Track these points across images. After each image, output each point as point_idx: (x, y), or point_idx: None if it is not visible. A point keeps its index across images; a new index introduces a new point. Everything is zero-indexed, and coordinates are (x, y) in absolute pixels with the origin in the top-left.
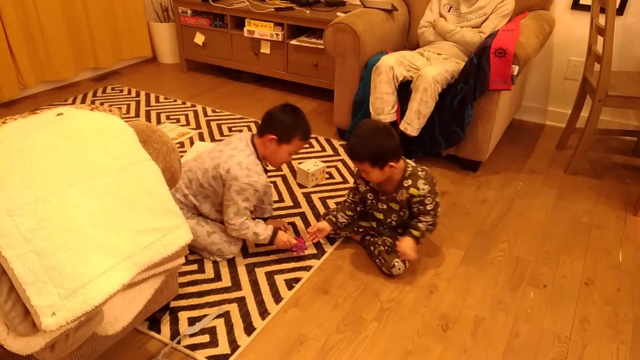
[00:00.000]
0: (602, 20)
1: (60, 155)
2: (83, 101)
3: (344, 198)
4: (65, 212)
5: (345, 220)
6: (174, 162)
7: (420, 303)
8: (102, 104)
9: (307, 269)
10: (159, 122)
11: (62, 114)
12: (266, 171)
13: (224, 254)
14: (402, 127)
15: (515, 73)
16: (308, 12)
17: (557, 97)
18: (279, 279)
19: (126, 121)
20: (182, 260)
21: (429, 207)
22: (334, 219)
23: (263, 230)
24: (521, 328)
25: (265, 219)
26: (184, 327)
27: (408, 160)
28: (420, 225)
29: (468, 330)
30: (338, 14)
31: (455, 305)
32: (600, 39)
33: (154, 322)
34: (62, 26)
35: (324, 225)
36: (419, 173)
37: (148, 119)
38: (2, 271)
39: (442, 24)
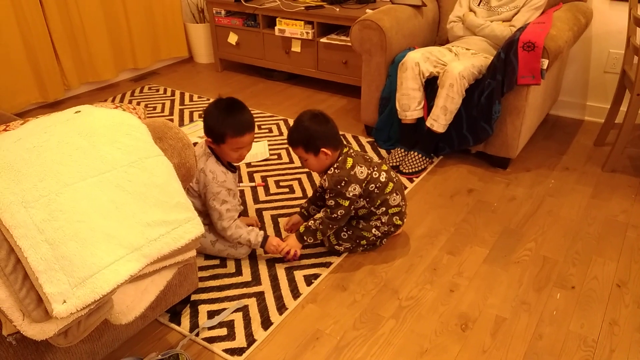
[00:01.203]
0: None
1: (73, 150)
2: (121, 100)
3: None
4: (77, 204)
5: (316, 211)
6: (189, 158)
7: (440, 302)
8: (138, 103)
9: (326, 265)
10: (191, 120)
11: (79, 111)
12: (233, 167)
13: (235, 256)
14: (428, 123)
15: (545, 67)
16: (338, 9)
17: (596, 91)
18: (298, 275)
19: (149, 117)
20: (194, 253)
21: (328, 202)
22: (305, 213)
23: (255, 237)
24: (545, 330)
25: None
26: (203, 320)
27: (355, 155)
28: (311, 221)
29: (488, 331)
30: (367, 11)
31: (475, 305)
32: (639, 30)
33: (174, 314)
34: (103, 29)
35: (297, 219)
36: (337, 170)
37: (181, 117)
38: (17, 260)
39: (471, 18)
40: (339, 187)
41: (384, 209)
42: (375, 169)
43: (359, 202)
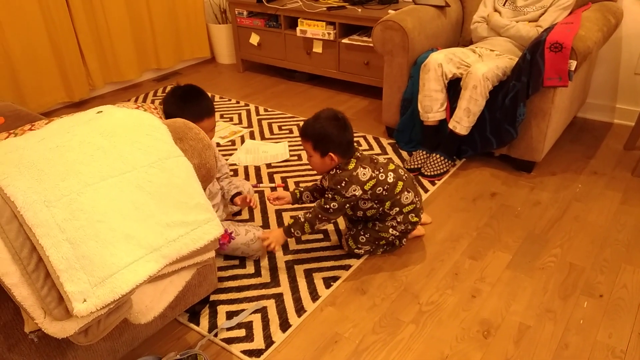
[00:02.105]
0: None
1: (94, 150)
2: (144, 100)
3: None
4: (97, 204)
5: (309, 201)
6: (210, 159)
7: (461, 307)
8: (161, 103)
9: (346, 267)
10: None
11: (101, 111)
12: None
13: (249, 253)
14: (451, 125)
15: (573, 68)
16: (360, 10)
17: (626, 93)
18: (317, 277)
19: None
20: (212, 254)
21: (325, 195)
22: (298, 194)
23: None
24: (571, 339)
25: (233, 196)
26: (221, 320)
27: (360, 157)
28: (300, 214)
29: (511, 339)
30: (390, 11)
31: (498, 312)
32: None
33: (193, 315)
34: (127, 30)
35: (284, 194)
36: (339, 170)
37: None
38: (39, 258)
39: (496, 18)
40: (338, 187)
41: (397, 209)
42: (382, 170)
43: (367, 203)
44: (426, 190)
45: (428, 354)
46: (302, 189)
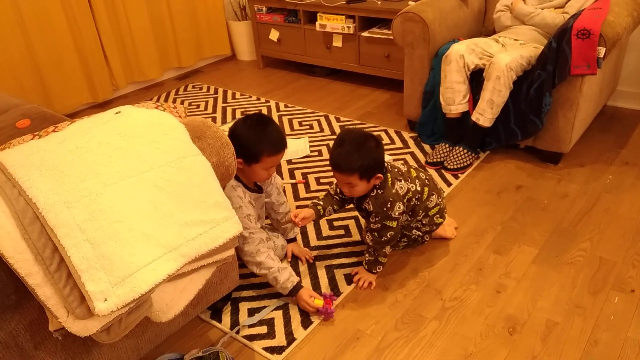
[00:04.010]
0: None
1: (113, 150)
2: (166, 99)
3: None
4: (116, 204)
5: (331, 213)
6: (228, 157)
7: (486, 303)
8: (182, 102)
9: None
10: (233, 117)
11: (120, 112)
12: (260, 188)
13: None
14: (474, 117)
15: (602, 55)
16: (379, 2)
17: None
18: (339, 274)
19: (192, 115)
20: (232, 252)
21: (373, 226)
22: (322, 211)
23: (284, 279)
24: (601, 336)
25: (289, 241)
26: (243, 317)
27: (391, 169)
28: (366, 256)
29: (538, 335)
30: (410, 3)
31: (524, 307)
32: None
33: (216, 312)
34: (148, 30)
35: (309, 212)
36: (380, 190)
37: (224, 115)
38: (61, 259)
39: (520, 6)
40: (385, 209)
41: (423, 213)
42: (409, 180)
43: (402, 216)
44: (449, 184)
45: (451, 350)
46: (322, 204)
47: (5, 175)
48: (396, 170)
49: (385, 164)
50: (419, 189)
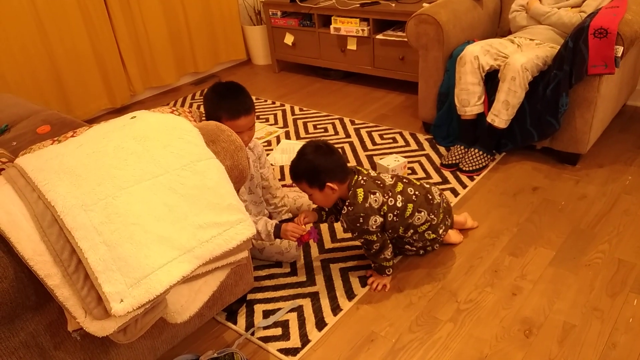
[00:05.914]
0: None
1: (128, 154)
2: (183, 104)
3: None
4: (131, 207)
5: (331, 219)
6: (242, 160)
7: (501, 305)
8: (199, 106)
9: None
10: None
11: (135, 117)
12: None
13: (284, 260)
14: (489, 118)
15: (620, 55)
16: (393, 5)
17: None
18: (353, 276)
19: (202, 121)
20: (246, 254)
21: (357, 240)
22: (324, 216)
23: (262, 227)
24: (619, 339)
25: (282, 222)
26: (258, 319)
27: (365, 182)
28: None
29: (555, 338)
30: (424, 5)
31: (541, 310)
32: None
33: (231, 313)
34: (165, 36)
35: (313, 214)
36: (351, 207)
37: None
38: (79, 260)
39: (536, 5)
40: (358, 224)
41: (411, 231)
42: (390, 194)
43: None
44: (464, 186)
45: (466, 353)
46: (325, 209)
47: (25, 179)
48: (372, 182)
49: (359, 178)
50: (399, 204)
